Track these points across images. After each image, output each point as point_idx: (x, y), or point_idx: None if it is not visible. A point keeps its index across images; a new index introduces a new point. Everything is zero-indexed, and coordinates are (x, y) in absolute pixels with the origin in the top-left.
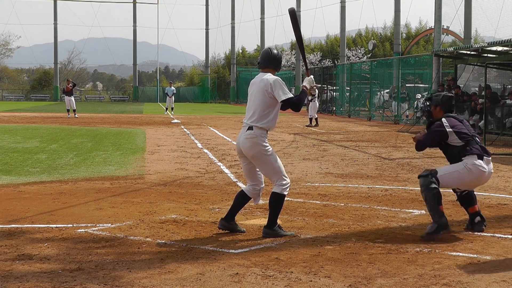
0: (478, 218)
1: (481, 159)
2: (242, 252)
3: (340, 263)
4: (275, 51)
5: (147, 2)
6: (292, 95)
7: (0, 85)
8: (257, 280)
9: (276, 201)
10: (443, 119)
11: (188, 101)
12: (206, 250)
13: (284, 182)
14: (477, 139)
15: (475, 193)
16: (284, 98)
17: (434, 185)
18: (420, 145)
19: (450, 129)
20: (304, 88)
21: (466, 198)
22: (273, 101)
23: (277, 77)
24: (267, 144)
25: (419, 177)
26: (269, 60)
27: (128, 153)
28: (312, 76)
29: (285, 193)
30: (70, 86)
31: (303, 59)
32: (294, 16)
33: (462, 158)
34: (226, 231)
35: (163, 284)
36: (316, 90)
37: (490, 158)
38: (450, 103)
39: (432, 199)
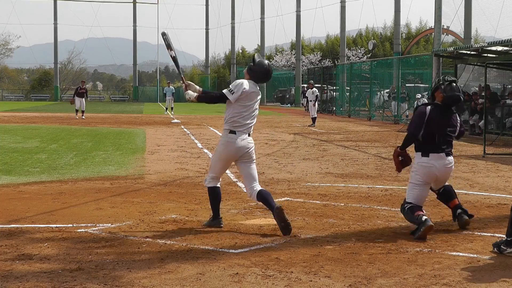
0: (459, 210)
1: (427, 156)
2: (242, 252)
3: (340, 263)
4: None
5: (147, 2)
6: (228, 97)
7: (0, 85)
8: (257, 280)
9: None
10: (429, 107)
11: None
12: (206, 250)
13: (207, 176)
14: (443, 136)
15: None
16: (224, 91)
17: (405, 205)
18: (408, 131)
19: (427, 118)
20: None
21: (444, 195)
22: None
23: (241, 79)
24: (222, 144)
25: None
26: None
27: (128, 153)
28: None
29: (205, 184)
30: (85, 89)
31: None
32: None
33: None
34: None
35: (163, 284)
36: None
37: (443, 153)
38: (451, 99)
39: (407, 215)
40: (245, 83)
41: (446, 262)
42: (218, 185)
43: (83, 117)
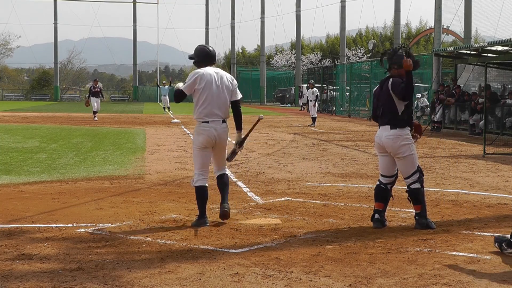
0: (417, 217)
1: (379, 127)
2: (242, 251)
3: (340, 262)
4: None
5: (147, 2)
6: (183, 90)
7: (0, 84)
8: (257, 280)
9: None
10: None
11: (188, 100)
12: (206, 249)
13: (194, 176)
14: (382, 109)
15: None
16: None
17: (377, 182)
18: None
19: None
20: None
21: (410, 196)
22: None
23: (194, 71)
24: (197, 134)
25: None
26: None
27: (128, 152)
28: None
29: (192, 184)
30: (98, 88)
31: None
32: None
33: None
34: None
35: (163, 283)
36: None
37: (387, 126)
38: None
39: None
40: (199, 71)
41: (446, 262)
42: (206, 184)
43: (95, 118)
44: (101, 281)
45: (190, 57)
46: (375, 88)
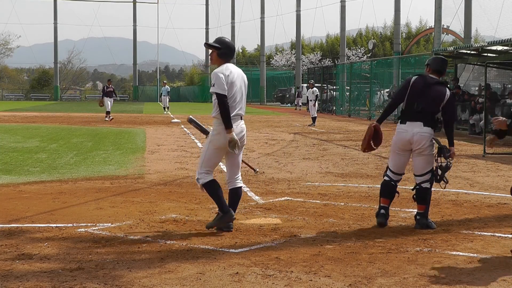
0: (418, 217)
1: (404, 123)
2: (242, 251)
3: (340, 262)
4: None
5: (147, 2)
6: (222, 93)
7: (0, 84)
8: (257, 280)
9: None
10: (414, 77)
11: (188, 100)
12: (206, 249)
13: (197, 174)
14: (422, 106)
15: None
16: (211, 91)
17: (384, 175)
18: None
19: (410, 86)
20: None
21: (417, 195)
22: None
23: (217, 70)
24: (218, 133)
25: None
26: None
27: (128, 152)
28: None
29: (201, 182)
30: (112, 89)
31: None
32: (193, 122)
33: None
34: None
35: (163, 283)
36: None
37: (421, 122)
38: (437, 64)
39: (380, 187)
40: (226, 71)
41: (446, 261)
42: (213, 178)
43: (107, 118)
44: (101, 281)
45: (211, 46)
46: (416, 79)
